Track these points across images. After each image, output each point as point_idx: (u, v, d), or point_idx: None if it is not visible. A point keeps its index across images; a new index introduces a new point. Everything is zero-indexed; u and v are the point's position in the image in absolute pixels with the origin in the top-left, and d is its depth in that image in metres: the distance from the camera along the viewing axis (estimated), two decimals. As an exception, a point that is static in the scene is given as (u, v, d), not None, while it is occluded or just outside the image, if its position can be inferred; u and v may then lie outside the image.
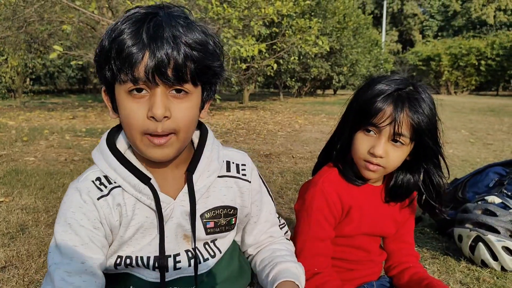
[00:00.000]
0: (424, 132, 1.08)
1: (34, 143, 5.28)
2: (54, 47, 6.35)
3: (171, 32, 0.80)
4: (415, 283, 1.21)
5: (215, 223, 1.00)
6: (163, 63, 0.79)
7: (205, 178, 0.98)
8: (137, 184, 0.92)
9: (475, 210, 2.02)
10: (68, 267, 0.88)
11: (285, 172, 3.85)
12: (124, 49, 0.79)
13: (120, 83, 0.83)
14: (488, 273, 1.93)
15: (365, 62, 17.18)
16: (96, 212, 0.91)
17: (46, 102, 13.07)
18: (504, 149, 5.28)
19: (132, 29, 0.80)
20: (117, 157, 0.94)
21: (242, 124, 7.70)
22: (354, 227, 1.22)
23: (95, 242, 0.91)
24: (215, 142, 1.04)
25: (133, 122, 0.84)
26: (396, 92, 1.08)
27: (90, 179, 0.94)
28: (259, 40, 9.04)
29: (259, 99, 15.89)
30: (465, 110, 11.43)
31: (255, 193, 1.08)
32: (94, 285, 0.89)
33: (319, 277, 1.15)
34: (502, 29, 29.53)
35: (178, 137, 0.88)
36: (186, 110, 0.86)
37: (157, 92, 0.82)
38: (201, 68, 0.85)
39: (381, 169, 1.13)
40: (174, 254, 0.98)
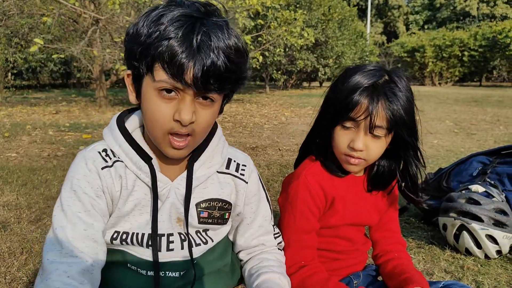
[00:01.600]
0: (400, 123, 1.08)
1: (16, 139, 5.18)
2: (35, 40, 6.22)
3: (217, 43, 0.83)
4: (395, 275, 1.21)
5: (208, 213, 1.04)
6: (209, 73, 0.82)
7: (206, 169, 1.02)
8: (138, 161, 0.97)
9: (459, 199, 2.04)
10: (72, 232, 0.92)
11: (271, 165, 3.84)
12: (175, 55, 0.81)
13: (153, 80, 0.85)
14: (472, 261, 1.96)
15: (351, 54, 17.22)
16: (99, 180, 0.96)
17: (28, 97, 12.84)
18: (488, 139, 5.36)
19: (181, 34, 0.81)
20: (123, 134, 0.98)
21: (228, 117, 7.67)
22: (339, 218, 1.22)
23: (97, 210, 0.95)
24: (222, 139, 1.08)
25: (159, 120, 0.88)
26: (372, 85, 1.08)
27: (97, 150, 0.99)
28: (244, 32, 8.99)
29: (245, 92, 15.85)
30: (449, 101, 11.56)
31: (251, 195, 1.09)
32: (95, 251, 0.93)
33: (305, 269, 1.15)
34: (484, 20, 29.88)
35: (195, 139, 0.93)
36: (208, 116, 0.91)
37: (187, 98, 0.86)
38: (237, 79, 0.89)
39: (363, 162, 1.13)
40: (168, 233, 1.01)
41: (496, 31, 20.32)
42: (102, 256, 0.96)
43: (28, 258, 1.95)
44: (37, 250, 2.03)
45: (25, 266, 1.87)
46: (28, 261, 1.92)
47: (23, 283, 1.73)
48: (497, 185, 2.16)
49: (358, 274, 1.30)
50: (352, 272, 1.31)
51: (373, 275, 1.33)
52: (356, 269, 1.33)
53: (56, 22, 7.70)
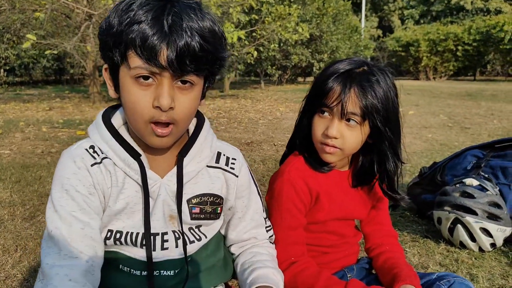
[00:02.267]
0: (374, 111, 1.07)
1: (9, 136, 5.14)
2: (28, 36, 6.17)
3: (189, 23, 0.81)
4: (386, 270, 1.21)
5: (200, 209, 1.02)
6: (183, 53, 0.81)
7: (195, 164, 1.00)
8: (126, 158, 0.95)
9: (454, 193, 2.04)
10: (68, 232, 0.90)
11: (266, 160, 3.84)
12: (147, 38, 0.79)
13: (128, 68, 0.84)
14: (467, 254, 1.97)
15: (345, 49, 17.20)
16: (90, 178, 0.94)
17: (21, 94, 12.74)
18: (482, 133, 5.38)
19: (151, 17, 0.80)
20: (110, 131, 0.96)
21: (223, 113, 7.65)
22: (325, 214, 1.21)
23: (92, 208, 0.94)
24: (210, 132, 1.06)
25: (138, 110, 0.86)
26: (347, 72, 1.08)
27: (83, 147, 0.97)
28: (238, 27, 8.96)
29: (240, 88, 15.82)
30: (443, 95, 11.60)
31: (242, 189, 1.08)
32: (94, 250, 0.92)
33: (296, 265, 1.15)
34: (478, 15, 29.94)
35: (178, 127, 0.90)
36: (189, 102, 0.89)
37: (164, 82, 0.84)
38: (213, 59, 0.87)
39: (338, 151, 1.12)
40: (162, 233, 1.00)
41: (490, 25, 20.37)
42: (101, 254, 0.94)
43: (22, 255, 1.94)
44: (31, 247, 2.02)
45: (19, 263, 1.86)
46: (22, 258, 1.91)
47: (18, 280, 1.72)
48: (491, 178, 2.17)
49: (352, 268, 1.31)
50: (344, 265, 1.31)
51: (367, 268, 1.33)
52: (349, 262, 1.33)
53: (48, 17, 7.63)
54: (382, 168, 1.19)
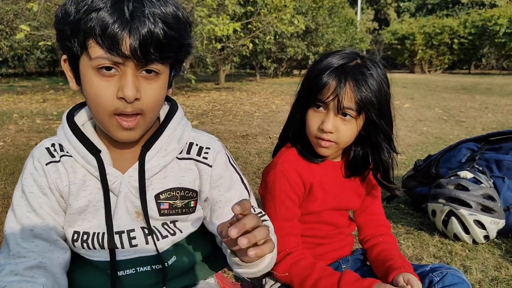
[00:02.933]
0: (369, 104, 1.07)
1: (3, 128, 5.11)
2: (21, 26, 6.09)
3: (151, 9, 0.77)
4: (379, 262, 1.22)
5: (170, 204, 0.97)
6: (147, 41, 0.76)
7: (160, 158, 0.95)
8: (86, 155, 0.92)
9: (448, 185, 2.05)
10: (20, 233, 0.90)
11: (262, 153, 3.84)
12: (107, 26, 0.74)
13: (89, 59, 0.79)
14: (460, 246, 1.98)
15: (341, 42, 17.16)
16: (45, 177, 0.93)
17: (14, 86, 12.64)
18: (476, 126, 5.41)
19: (111, 3, 0.75)
20: (71, 128, 0.94)
21: (218, 106, 7.63)
22: (319, 204, 1.22)
23: (45, 208, 0.93)
24: (182, 122, 1.01)
25: (101, 102, 0.82)
26: (341, 66, 1.08)
27: (44, 146, 0.96)
28: (234, 19, 8.91)
29: (235, 80, 15.77)
30: (438, 88, 11.63)
31: (217, 178, 1.01)
32: (48, 249, 0.91)
33: (291, 257, 1.15)
34: (474, 8, 29.94)
35: (145, 118, 0.87)
36: (155, 91, 0.85)
37: (127, 72, 0.80)
38: (179, 46, 0.84)
39: (334, 145, 1.13)
40: (128, 230, 0.97)
41: (485, 18, 20.39)
42: (59, 253, 0.93)
43: (16, 247, 1.94)
44: (25, 240, 2.01)
45: (13, 255, 1.85)
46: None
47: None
48: (485, 171, 2.18)
49: (347, 259, 1.31)
50: (339, 256, 1.32)
51: (361, 260, 1.34)
52: (343, 253, 1.34)
53: (42, 8, 7.54)
54: (376, 159, 1.20)
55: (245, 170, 3.27)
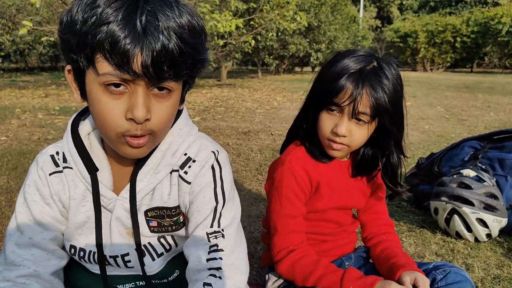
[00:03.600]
0: (383, 110, 1.07)
1: (5, 122, 5.11)
2: (24, 22, 6.09)
3: (166, 23, 0.71)
4: (382, 260, 1.23)
5: (158, 223, 0.93)
6: (160, 59, 0.70)
7: (153, 175, 0.89)
8: (82, 171, 0.88)
9: (451, 184, 2.05)
10: (18, 240, 0.89)
11: (264, 149, 3.84)
12: (117, 41, 0.68)
13: (97, 74, 0.72)
14: (463, 244, 1.98)
15: (343, 39, 17.13)
16: (48, 188, 0.90)
17: (16, 80, 12.64)
18: (478, 125, 5.40)
19: (122, 16, 0.68)
20: (74, 140, 0.89)
21: (220, 102, 7.63)
22: (325, 203, 1.22)
23: (46, 218, 0.91)
24: (181, 133, 0.92)
25: (109, 121, 0.75)
26: (359, 70, 1.06)
27: (49, 153, 0.93)
28: (236, 15, 8.89)
29: (237, 77, 15.75)
30: (441, 87, 11.60)
31: (194, 194, 0.92)
32: (45, 258, 0.90)
33: (294, 254, 1.15)
34: (477, 6, 29.83)
35: (155, 137, 0.82)
36: (167, 110, 0.79)
37: (138, 90, 0.73)
38: (194, 62, 0.78)
39: (346, 148, 1.13)
40: (122, 254, 0.94)
41: (488, 17, 20.33)
42: (55, 261, 0.92)
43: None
44: (28, 234, 2.02)
45: (17, 249, 1.86)
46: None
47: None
48: (488, 169, 2.18)
49: (350, 256, 1.32)
50: (342, 253, 1.32)
51: (364, 257, 1.35)
52: (346, 250, 1.34)
53: (44, 3, 7.53)
54: (385, 162, 1.20)
55: (247, 166, 3.27)
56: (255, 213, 2.32)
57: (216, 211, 0.91)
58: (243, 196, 2.61)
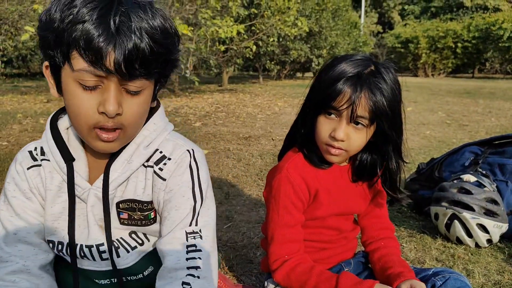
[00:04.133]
0: (382, 114, 1.06)
1: (6, 127, 5.12)
2: (26, 28, 6.12)
3: (138, 23, 0.75)
4: (379, 270, 1.21)
5: (129, 215, 0.95)
6: (132, 57, 0.75)
7: (126, 165, 0.92)
8: (59, 161, 0.91)
9: (451, 189, 2.05)
10: (4, 237, 0.90)
11: (264, 155, 3.84)
12: (92, 39, 0.72)
13: (72, 70, 0.77)
14: (463, 250, 1.98)
15: (344, 45, 17.17)
16: (26, 182, 0.93)
17: (19, 86, 12.69)
18: (479, 130, 5.39)
19: (97, 16, 0.73)
20: (52, 132, 0.93)
21: (222, 107, 7.64)
22: (324, 210, 1.21)
23: (29, 212, 0.93)
24: (156, 127, 0.94)
25: (82, 114, 0.80)
26: (357, 74, 1.05)
27: (27, 149, 0.96)
28: (237, 21, 8.92)
29: (239, 82, 15.78)
30: (442, 92, 11.60)
31: (168, 191, 0.94)
32: (32, 252, 0.92)
33: (289, 263, 1.14)
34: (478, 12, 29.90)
35: (125, 132, 0.85)
36: (138, 106, 0.83)
37: (111, 86, 0.78)
38: (165, 61, 0.82)
39: (344, 153, 1.12)
40: (97, 244, 0.95)
41: (490, 22, 20.35)
42: (42, 255, 0.94)
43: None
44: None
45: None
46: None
47: None
48: (488, 175, 2.17)
49: (349, 262, 1.31)
50: (342, 260, 1.31)
51: (363, 262, 1.34)
52: (346, 257, 1.33)
53: (46, 9, 7.57)
54: (384, 168, 1.19)
55: (247, 171, 3.27)
56: (255, 219, 2.32)
57: (195, 210, 0.93)
58: (243, 201, 2.60)
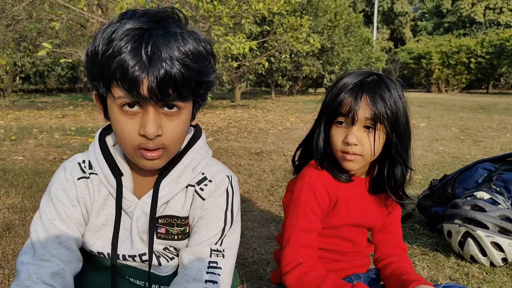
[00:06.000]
0: (383, 119, 1.11)
1: (22, 142, 5.22)
2: (43, 44, 6.28)
3: (169, 52, 0.81)
4: (395, 277, 1.22)
5: (166, 230, 1.02)
6: (164, 83, 0.80)
7: (174, 185, 0.99)
8: (108, 175, 0.98)
9: (464, 206, 2.02)
10: (45, 237, 0.95)
11: (276, 170, 3.84)
12: (126, 70, 0.79)
13: (113, 98, 0.85)
14: (477, 269, 1.94)
15: (357, 61, 17.21)
16: (75, 190, 0.99)
17: (35, 101, 12.94)
18: (494, 146, 5.32)
19: (131, 48, 0.80)
20: (101, 147, 1.00)
21: (234, 123, 7.68)
22: (342, 218, 1.23)
23: (71, 219, 0.98)
24: (201, 151, 1.03)
25: (126, 138, 0.87)
26: (358, 82, 1.14)
27: (77, 161, 1.02)
28: (250, 38, 9.02)
29: (251, 98, 15.87)
30: (455, 108, 11.50)
31: (204, 209, 1.01)
32: (68, 258, 0.96)
33: (302, 267, 1.15)
34: (491, 27, 29.77)
35: (168, 151, 0.91)
36: (176, 127, 0.89)
37: (149, 110, 0.84)
38: (197, 84, 0.87)
39: (359, 158, 1.15)
40: (140, 254, 1.02)
41: (504, 38, 20.23)
42: (75, 263, 0.98)
43: (32, 260, 1.96)
44: (41, 253, 2.04)
45: (28, 268, 1.88)
46: (32, 263, 1.93)
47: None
48: (502, 192, 2.14)
49: (358, 276, 1.30)
50: (353, 274, 1.31)
51: (374, 278, 1.33)
52: (358, 272, 1.33)
53: (64, 27, 7.77)
54: (390, 172, 1.22)
55: (258, 187, 3.27)
56: (265, 234, 2.31)
57: (223, 231, 1.01)
58: (254, 217, 2.60)
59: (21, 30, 8.70)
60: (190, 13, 6.92)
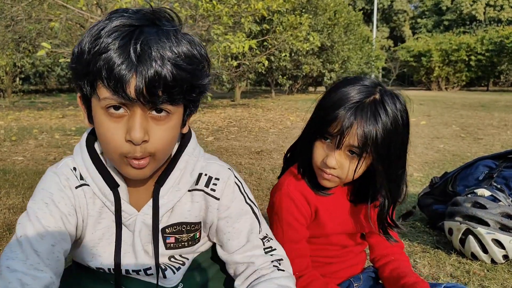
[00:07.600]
0: (372, 147, 1.01)
1: (23, 143, 5.22)
2: (42, 44, 6.27)
3: (160, 51, 0.75)
4: (393, 281, 1.19)
5: (176, 239, 0.97)
6: (154, 84, 0.74)
7: (174, 192, 0.93)
8: (103, 187, 0.90)
9: (465, 203, 2.02)
10: (39, 245, 0.84)
11: (276, 169, 3.83)
12: (113, 68, 0.73)
13: (98, 99, 0.78)
14: (479, 266, 1.94)
15: (357, 59, 17.21)
16: (73, 199, 0.90)
17: (35, 102, 12.95)
18: (494, 144, 5.31)
19: (118, 45, 0.74)
20: (91, 156, 0.91)
21: (234, 122, 7.68)
22: (328, 229, 1.19)
23: (67, 228, 0.89)
24: (195, 152, 0.97)
25: (110, 143, 0.80)
26: (357, 102, 1.01)
27: (69, 167, 0.92)
28: (249, 37, 9.01)
29: (251, 97, 15.87)
30: (456, 105, 11.50)
31: (224, 209, 0.97)
32: (57, 270, 0.86)
33: (302, 280, 1.12)
34: (491, 25, 29.74)
35: (155, 159, 0.84)
36: (165, 132, 0.82)
37: (136, 113, 0.78)
38: (190, 87, 0.81)
39: (336, 179, 1.09)
40: (145, 268, 0.97)
41: (504, 35, 20.21)
42: (59, 276, 0.88)
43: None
44: (41, 253, 2.04)
45: (29, 268, 1.88)
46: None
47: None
48: (503, 189, 2.13)
49: (358, 277, 1.29)
50: (351, 275, 1.29)
51: (373, 277, 1.31)
52: (355, 271, 1.31)
53: (63, 27, 7.76)
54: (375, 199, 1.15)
55: (259, 186, 3.26)
56: (266, 233, 2.31)
57: (256, 217, 1.00)
58: (254, 215, 2.60)
59: (21, 30, 8.69)
60: (190, 12, 6.92)
